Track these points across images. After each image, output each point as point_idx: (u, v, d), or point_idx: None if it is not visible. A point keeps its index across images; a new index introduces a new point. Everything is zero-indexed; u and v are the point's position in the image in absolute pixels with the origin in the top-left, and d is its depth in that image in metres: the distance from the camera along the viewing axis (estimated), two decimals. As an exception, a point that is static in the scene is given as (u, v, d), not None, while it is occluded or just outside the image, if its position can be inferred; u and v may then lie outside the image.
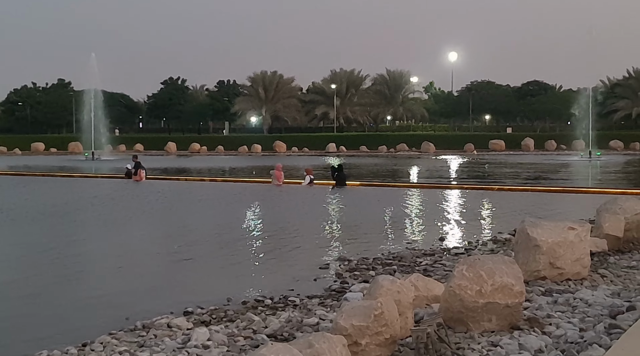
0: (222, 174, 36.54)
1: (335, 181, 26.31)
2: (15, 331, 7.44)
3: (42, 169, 38.82)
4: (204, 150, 79.85)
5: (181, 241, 13.63)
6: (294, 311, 7.73)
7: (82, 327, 7.42)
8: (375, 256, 11.30)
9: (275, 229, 15.20)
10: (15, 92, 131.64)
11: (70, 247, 12.94)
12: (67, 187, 26.94)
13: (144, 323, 7.32)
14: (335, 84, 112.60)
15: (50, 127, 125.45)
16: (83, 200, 21.56)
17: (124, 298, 8.80)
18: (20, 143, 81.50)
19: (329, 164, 27.22)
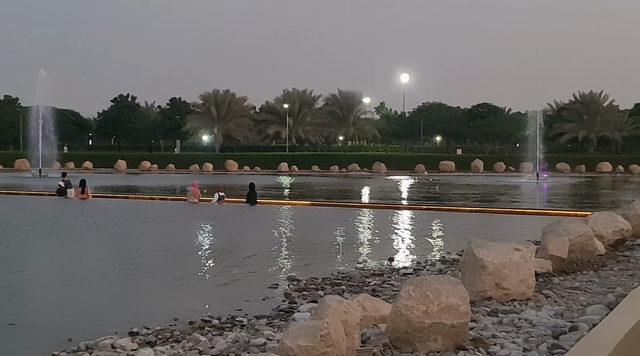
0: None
1: (246, 199, 27.17)
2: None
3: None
4: (155, 168, 79.01)
5: (126, 259, 13.46)
6: (241, 331, 7.67)
7: (22, 348, 7.25)
8: (324, 276, 11.31)
9: (222, 247, 15.13)
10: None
11: (12, 264, 12.62)
12: (12, 204, 26.34)
13: (87, 343, 7.17)
14: (287, 103, 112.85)
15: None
16: (27, 218, 21.09)
17: (67, 318, 8.63)
18: (-35, 160, 79.61)
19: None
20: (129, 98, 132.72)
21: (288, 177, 64.45)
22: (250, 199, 27.08)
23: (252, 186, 27.85)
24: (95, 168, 78.75)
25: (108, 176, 62.43)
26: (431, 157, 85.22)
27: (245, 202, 27.11)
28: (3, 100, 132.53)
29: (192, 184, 28.14)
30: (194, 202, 27.01)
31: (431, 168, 76.00)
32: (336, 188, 45.07)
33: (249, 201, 26.97)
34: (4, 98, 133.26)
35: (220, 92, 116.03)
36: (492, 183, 50.39)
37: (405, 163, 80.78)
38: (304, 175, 69.73)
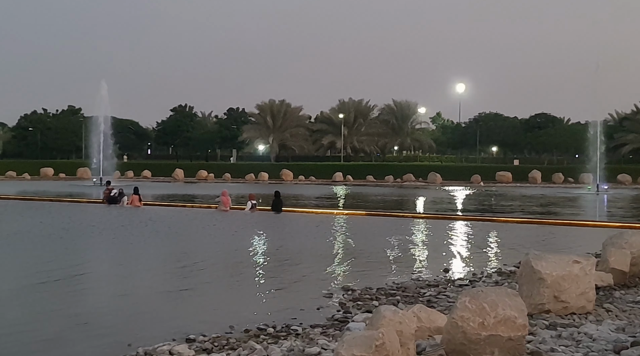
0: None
1: (272, 207, 27.80)
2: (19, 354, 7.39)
3: (51, 195, 38.86)
4: (211, 177, 79.99)
5: (182, 266, 13.64)
6: (296, 340, 7.70)
7: (84, 353, 7.40)
8: (379, 286, 11.27)
9: (276, 256, 15.21)
10: (25, 118, 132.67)
11: (76, 270, 12.93)
12: (75, 212, 26.96)
13: (146, 349, 7.29)
14: (343, 113, 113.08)
15: (60, 153, 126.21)
16: (88, 225, 21.56)
17: (127, 324, 8.78)
18: (30, 168, 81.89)
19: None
20: (187, 108, 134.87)
21: (343, 187, 64.50)
22: (275, 207, 27.68)
23: (278, 194, 28.56)
24: (154, 177, 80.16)
25: (164, 184, 63.37)
26: (487, 168, 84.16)
27: (270, 210, 27.70)
28: (66, 110, 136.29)
29: (222, 193, 28.65)
30: (224, 210, 27.53)
31: (487, 179, 75.09)
32: (391, 198, 44.91)
33: (275, 209, 27.55)
34: (68, 108, 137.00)
35: (276, 102, 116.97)
36: (550, 194, 49.51)
37: (460, 174, 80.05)
38: (359, 185, 69.68)
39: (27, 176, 77.83)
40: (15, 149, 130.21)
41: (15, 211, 26.83)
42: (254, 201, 27.91)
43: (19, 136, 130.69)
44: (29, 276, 12.35)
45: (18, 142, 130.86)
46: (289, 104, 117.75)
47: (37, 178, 77.18)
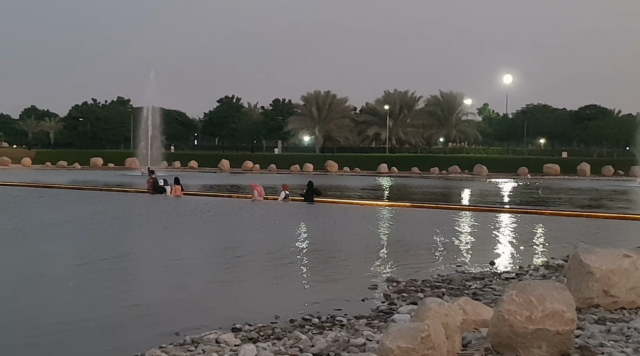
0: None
1: (304, 197, 28.14)
2: (70, 341, 7.57)
3: (100, 184, 39.60)
4: (257, 168, 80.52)
5: (229, 256, 13.78)
6: (341, 330, 7.72)
7: (133, 339, 7.53)
8: (424, 278, 11.23)
9: (319, 246, 15.26)
10: (76, 108, 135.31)
11: (126, 259, 13.18)
12: (124, 201, 27.38)
13: (193, 337, 7.39)
14: (388, 104, 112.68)
15: (109, 143, 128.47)
16: (137, 214, 21.91)
17: (174, 312, 8.90)
18: (80, 158, 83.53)
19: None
20: (234, 99, 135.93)
21: (387, 178, 64.30)
22: (308, 197, 27.96)
23: (311, 184, 28.92)
24: (200, 167, 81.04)
25: (210, 175, 63.95)
26: (535, 160, 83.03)
27: (303, 200, 27.98)
28: (116, 101, 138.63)
29: (252, 186, 29.24)
30: (258, 200, 27.94)
31: (535, 171, 74.08)
32: (436, 189, 44.63)
33: (307, 199, 27.85)
34: (117, 99, 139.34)
35: (321, 93, 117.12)
36: (599, 187, 48.64)
37: (507, 166, 79.12)
38: (404, 177, 69.40)
39: (77, 165, 79.45)
40: (66, 139, 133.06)
41: (67, 200, 27.37)
42: (287, 192, 28.20)
43: (70, 126, 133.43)
44: (81, 263, 12.61)
45: (69, 132, 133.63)
46: (334, 95, 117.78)
47: (87, 167, 78.70)
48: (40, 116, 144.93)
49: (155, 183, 31.76)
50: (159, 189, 31.25)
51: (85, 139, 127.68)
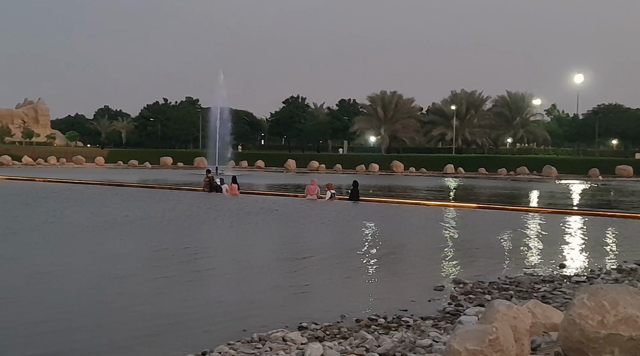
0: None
1: (349, 196, 28.71)
2: (142, 335, 7.76)
3: (169, 183, 40.38)
4: (322, 168, 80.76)
5: (294, 255, 13.89)
6: (407, 331, 7.71)
7: (201, 335, 7.68)
8: (491, 280, 11.11)
9: (384, 246, 15.23)
10: (147, 108, 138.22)
11: (195, 256, 13.41)
12: (187, 199, 27.86)
13: (260, 335, 7.49)
14: (455, 105, 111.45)
15: (178, 143, 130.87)
16: (203, 212, 22.27)
17: (242, 310, 9.01)
18: (151, 157, 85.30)
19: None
20: (300, 99, 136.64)
21: (453, 179, 63.65)
22: (353, 196, 28.45)
23: (356, 183, 29.30)
24: (267, 167, 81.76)
25: (276, 175, 64.43)
26: (606, 162, 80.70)
27: (348, 199, 28.58)
28: (185, 101, 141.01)
29: (311, 182, 29.91)
30: (312, 198, 28.47)
31: (606, 173, 72.10)
32: (503, 191, 43.93)
33: (352, 198, 28.34)
34: (186, 99, 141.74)
35: (387, 94, 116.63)
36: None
37: (577, 167, 77.22)
38: (470, 177, 68.59)
39: (148, 164, 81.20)
40: (137, 138, 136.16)
41: (138, 198, 28.06)
42: (332, 191, 28.79)
43: (141, 125, 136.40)
44: (153, 259, 12.93)
45: (140, 132, 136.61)
46: (400, 96, 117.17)
47: (157, 166, 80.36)
48: (113, 116, 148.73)
49: (211, 181, 32.61)
50: (215, 187, 32.06)
51: (155, 139, 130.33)
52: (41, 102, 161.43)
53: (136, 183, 39.76)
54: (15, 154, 79.25)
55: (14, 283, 10.58)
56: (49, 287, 10.27)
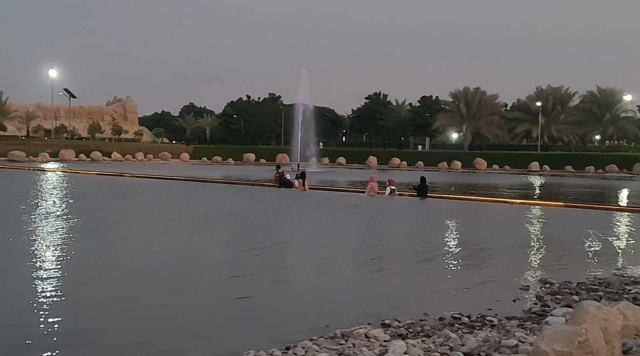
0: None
1: (417, 192, 28.86)
2: (228, 330, 7.89)
3: (251, 180, 40.92)
4: (404, 165, 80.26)
5: (375, 252, 13.87)
6: (491, 331, 7.60)
7: (285, 330, 7.75)
8: (579, 281, 10.83)
9: (465, 244, 15.04)
10: (231, 105, 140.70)
11: (279, 249, 13.59)
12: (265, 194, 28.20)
13: (343, 331, 7.51)
14: (540, 101, 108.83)
15: (261, 139, 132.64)
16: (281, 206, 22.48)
17: (325, 305, 9.07)
18: (234, 154, 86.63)
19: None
20: (381, 96, 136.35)
21: (539, 177, 62.22)
22: (421, 192, 28.58)
23: (424, 179, 29.57)
24: (348, 164, 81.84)
25: (357, 171, 64.43)
26: (700, 159, 77.14)
27: (416, 195, 28.66)
28: (267, 98, 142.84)
29: (371, 178, 29.98)
30: (372, 195, 28.61)
31: (703, 171, 68.96)
32: (592, 189, 42.66)
33: (420, 194, 28.47)
34: (268, 96, 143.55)
35: (470, 90, 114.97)
36: None
37: (671, 165, 74.06)
38: (556, 175, 66.88)
39: (231, 161, 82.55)
40: (221, 135, 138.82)
41: (222, 193, 28.63)
42: (393, 187, 28.97)
43: (224, 122, 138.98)
44: (240, 252, 13.16)
45: (223, 128, 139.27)
46: (483, 92, 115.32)
47: (240, 163, 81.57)
48: (198, 113, 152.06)
49: (282, 177, 33.53)
50: (285, 183, 32.89)
51: (238, 136, 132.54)
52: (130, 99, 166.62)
53: (219, 178, 40.49)
54: (105, 150, 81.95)
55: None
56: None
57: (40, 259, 11.82)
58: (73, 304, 8.75)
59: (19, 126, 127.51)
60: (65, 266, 11.17)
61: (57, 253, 12.51)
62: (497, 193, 34.98)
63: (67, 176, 42.05)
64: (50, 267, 11.03)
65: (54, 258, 11.95)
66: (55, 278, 10.18)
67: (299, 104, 68.35)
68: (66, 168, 53.03)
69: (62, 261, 11.62)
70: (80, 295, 9.24)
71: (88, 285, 9.89)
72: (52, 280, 10.02)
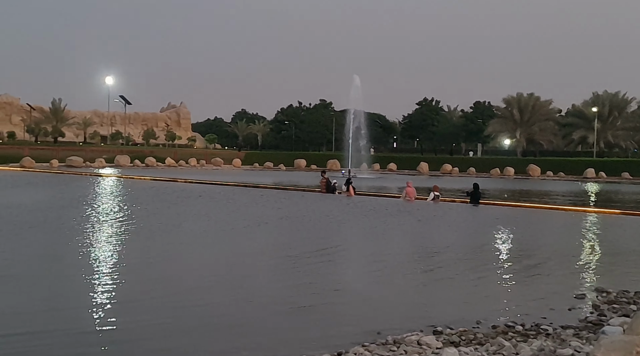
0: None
1: (470, 199, 28.68)
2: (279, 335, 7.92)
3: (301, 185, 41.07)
4: (455, 171, 79.58)
5: (427, 258, 13.79)
6: (546, 340, 7.49)
7: (337, 336, 7.76)
8: (637, 290, 10.60)
9: (522, 252, 14.84)
10: (282, 111, 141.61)
11: (332, 254, 13.60)
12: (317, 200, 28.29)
13: (395, 338, 7.49)
14: (596, 106, 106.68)
15: (312, 145, 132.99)
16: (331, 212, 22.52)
17: (376, 312, 9.06)
18: (285, 159, 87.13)
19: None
20: (433, 102, 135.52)
21: (594, 184, 61.00)
22: (473, 198, 28.42)
23: (477, 186, 29.24)
24: (399, 170, 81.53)
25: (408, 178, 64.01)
26: None
27: (468, 202, 28.48)
28: (318, 104, 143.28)
29: (407, 184, 30.23)
30: (409, 200, 28.76)
31: None
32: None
33: (473, 201, 28.31)
34: (319, 102, 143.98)
35: (523, 96, 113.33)
36: None
37: None
38: (613, 182, 65.48)
39: (282, 166, 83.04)
40: (272, 141, 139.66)
41: (274, 199, 28.82)
42: (437, 193, 29.03)
43: (276, 128, 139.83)
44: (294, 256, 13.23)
45: (275, 134, 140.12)
46: (537, 97, 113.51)
47: (291, 168, 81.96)
48: (250, 119, 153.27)
49: (327, 183, 33.96)
50: (331, 188, 33.33)
51: (289, 142, 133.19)
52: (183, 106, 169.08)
53: (270, 184, 40.79)
54: (159, 156, 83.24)
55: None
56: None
57: (99, 263, 12.06)
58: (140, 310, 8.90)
59: (77, 132, 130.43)
60: (125, 271, 11.35)
61: (116, 257, 12.77)
62: (551, 200, 34.46)
63: (122, 181, 42.87)
64: (109, 272, 11.23)
65: (113, 262, 12.19)
66: (116, 283, 10.38)
67: (350, 110, 68.32)
68: (121, 174, 54.10)
69: (121, 266, 11.83)
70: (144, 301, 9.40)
71: (149, 292, 9.99)
72: (113, 285, 10.21)
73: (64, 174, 53.10)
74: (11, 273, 11.01)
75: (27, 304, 8.93)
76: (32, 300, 9.16)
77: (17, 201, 24.32)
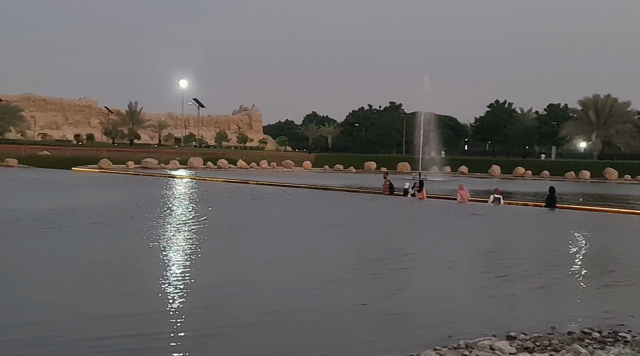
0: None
1: (546, 203, 28.31)
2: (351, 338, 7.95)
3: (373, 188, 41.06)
4: (529, 174, 77.99)
5: (501, 262, 13.64)
6: (624, 347, 7.35)
7: (407, 338, 7.78)
8: None
9: (598, 257, 14.52)
10: (352, 114, 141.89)
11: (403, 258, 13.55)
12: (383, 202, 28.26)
13: (467, 342, 7.46)
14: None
15: (382, 148, 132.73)
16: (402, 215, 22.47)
17: (446, 314, 9.03)
18: (355, 162, 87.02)
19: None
20: (505, 104, 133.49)
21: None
22: (550, 202, 27.99)
23: (552, 189, 28.94)
24: (470, 173, 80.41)
25: (479, 180, 63.24)
26: None
27: (544, 206, 28.23)
28: (389, 106, 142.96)
29: (460, 187, 30.59)
30: (462, 202, 28.97)
31: None
32: None
33: (549, 205, 27.92)
34: (390, 105, 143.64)
35: (600, 97, 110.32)
36: None
37: None
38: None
39: (352, 169, 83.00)
40: (343, 143, 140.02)
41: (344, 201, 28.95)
42: (497, 195, 29.11)
43: (346, 131, 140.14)
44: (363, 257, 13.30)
45: (345, 137, 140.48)
46: (615, 99, 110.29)
47: (361, 171, 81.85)
48: (320, 122, 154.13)
49: (391, 185, 34.81)
50: (393, 191, 34.24)
51: (360, 144, 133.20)
52: (255, 108, 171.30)
53: (339, 186, 40.88)
54: (231, 158, 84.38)
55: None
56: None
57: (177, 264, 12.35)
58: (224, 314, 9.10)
59: (152, 134, 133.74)
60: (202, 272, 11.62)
61: (193, 257, 13.06)
62: (629, 205, 33.49)
63: (195, 183, 43.69)
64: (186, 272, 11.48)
65: (190, 263, 12.47)
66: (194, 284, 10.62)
67: (421, 113, 67.88)
68: (195, 175, 55.11)
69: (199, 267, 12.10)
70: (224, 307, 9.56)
71: (230, 296, 10.05)
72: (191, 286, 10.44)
73: (140, 175, 54.48)
74: (97, 272, 11.39)
75: (105, 304, 9.23)
76: (108, 298, 9.48)
77: (97, 201, 25.08)
